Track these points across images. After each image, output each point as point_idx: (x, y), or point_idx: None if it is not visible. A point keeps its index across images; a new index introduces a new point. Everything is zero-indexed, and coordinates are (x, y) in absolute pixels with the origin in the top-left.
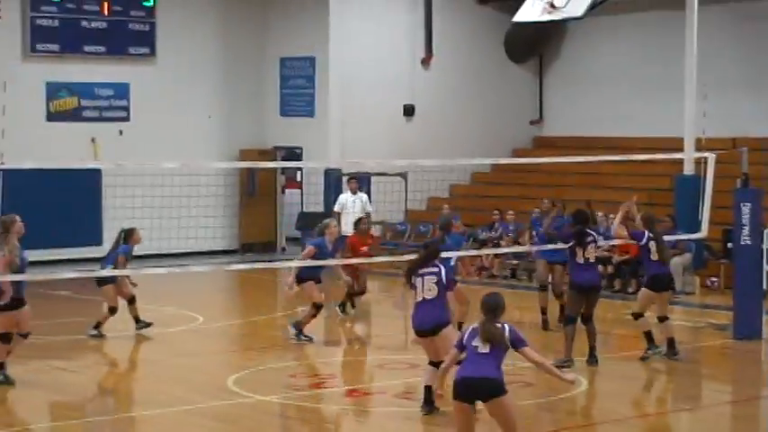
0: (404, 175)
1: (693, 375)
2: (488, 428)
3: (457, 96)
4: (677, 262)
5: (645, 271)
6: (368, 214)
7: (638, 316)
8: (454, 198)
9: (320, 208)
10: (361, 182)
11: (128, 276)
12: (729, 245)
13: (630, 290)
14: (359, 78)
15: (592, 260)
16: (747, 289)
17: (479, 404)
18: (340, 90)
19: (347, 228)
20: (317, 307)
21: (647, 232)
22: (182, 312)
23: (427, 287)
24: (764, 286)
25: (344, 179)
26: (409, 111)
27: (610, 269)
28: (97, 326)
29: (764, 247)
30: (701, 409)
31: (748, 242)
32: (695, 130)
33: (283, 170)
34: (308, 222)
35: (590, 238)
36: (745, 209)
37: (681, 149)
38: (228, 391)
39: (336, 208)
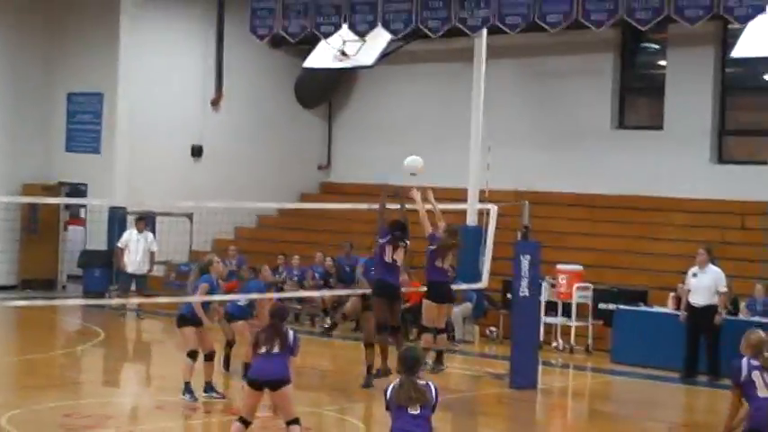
0: (190, 216)
1: (470, 420)
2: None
3: (246, 139)
4: (457, 312)
5: (426, 278)
6: (152, 253)
7: (425, 330)
8: (239, 240)
9: (103, 246)
10: (147, 221)
11: None
12: (509, 295)
13: (412, 337)
14: (147, 116)
15: (399, 263)
16: (525, 339)
17: None
18: (127, 127)
19: (133, 266)
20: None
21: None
22: None
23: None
24: (541, 337)
25: (129, 218)
26: (197, 151)
27: None
28: None
29: (542, 299)
30: None
31: (526, 294)
32: (479, 181)
33: (67, 206)
34: (91, 260)
35: (402, 243)
36: (525, 261)
37: (464, 200)
38: (2, 431)
39: (120, 244)
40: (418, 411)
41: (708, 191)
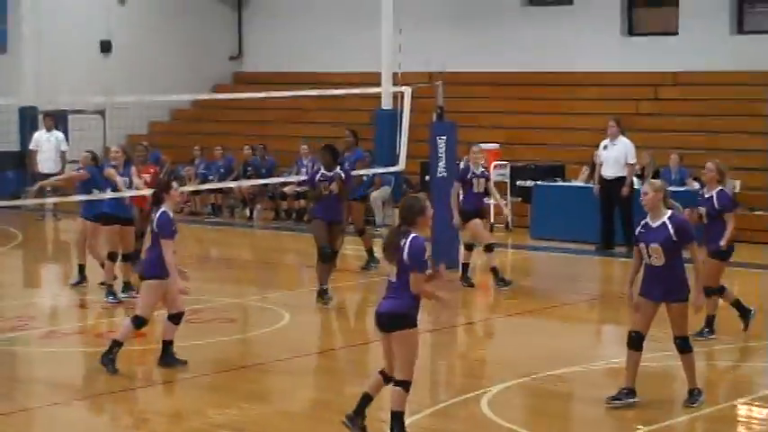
0: (102, 113)
1: None
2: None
3: (155, 32)
4: (376, 195)
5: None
6: (63, 153)
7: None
8: (153, 135)
9: (15, 147)
10: (58, 120)
11: None
12: (427, 177)
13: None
14: (54, 13)
15: (335, 192)
16: (444, 220)
17: None
18: (34, 25)
19: (44, 165)
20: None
21: None
22: None
23: None
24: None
25: (41, 118)
26: (106, 47)
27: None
28: None
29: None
30: None
31: (444, 174)
32: (392, 64)
33: None
34: (3, 162)
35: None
36: (441, 142)
37: (379, 84)
38: None
39: (32, 146)
40: (395, 279)
41: (619, 64)
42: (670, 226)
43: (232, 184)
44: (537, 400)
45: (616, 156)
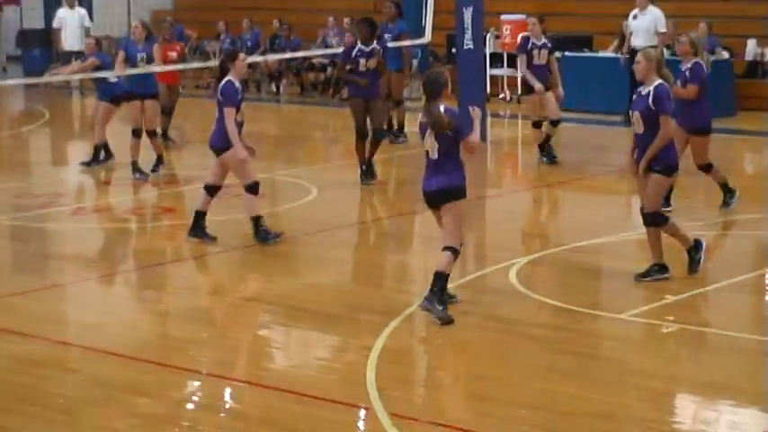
0: None
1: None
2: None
3: None
4: None
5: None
6: (86, 29)
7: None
8: (178, 10)
9: (40, 24)
10: None
11: None
12: (453, 50)
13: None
14: None
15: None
16: (472, 92)
17: None
18: None
19: (67, 43)
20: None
21: None
22: None
23: None
24: (488, 90)
25: None
26: None
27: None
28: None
29: (487, 51)
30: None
31: (471, 47)
32: None
33: None
34: (29, 40)
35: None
36: (467, 13)
37: None
38: None
39: (56, 24)
40: (436, 157)
41: None
42: (651, 95)
43: (258, 59)
44: (565, 271)
45: (646, 25)
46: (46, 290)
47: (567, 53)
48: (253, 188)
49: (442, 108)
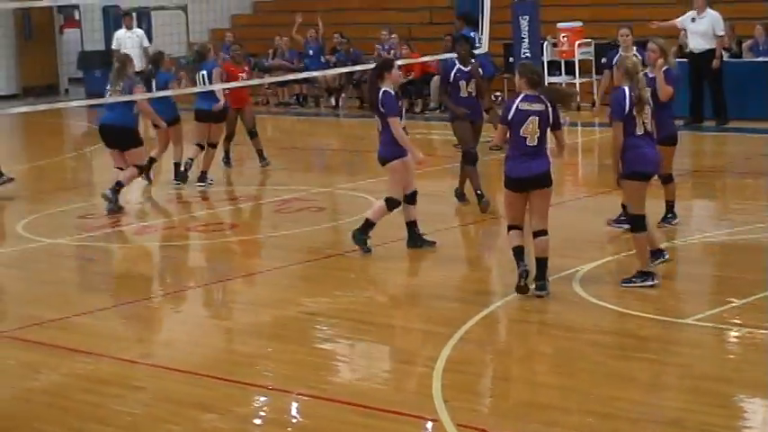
0: (184, 8)
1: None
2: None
3: None
4: (436, 80)
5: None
6: (145, 49)
7: None
8: (236, 28)
9: (100, 46)
10: (141, 17)
11: None
12: (511, 59)
13: (417, 110)
14: None
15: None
16: None
17: None
18: None
19: None
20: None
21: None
22: None
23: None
24: None
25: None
26: None
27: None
28: None
29: (544, 59)
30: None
31: (528, 55)
32: None
33: (60, 9)
34: (90, 61)
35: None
36: (524, 22)
37: None
38: (18, 237)
39: (114, 45)
40: (535, 143)
41: None
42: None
43: (316, 74)
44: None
45: (705, 29)
46: (111, 309)
47: None
48: (392, 203)
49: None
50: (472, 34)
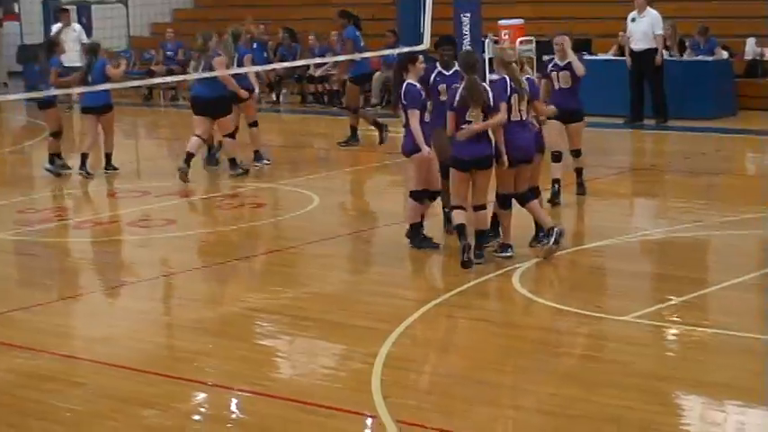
0: (124, 2)
1: None
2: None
3: None
4: (378, 77)
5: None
6: (83, 44)
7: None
8: (177, 22)
9: (40, 39)
10: (81, 11)
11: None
12: None
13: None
14: None
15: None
16: None
17: None
18: None
19: (66, 61)
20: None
21: None
22: None
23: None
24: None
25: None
26: None
27: (336, 86)
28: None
29: (486, 56)
30: None
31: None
32: None
33: (0, 2)
34: (29, 55)
35: None
36: (465, 19)
37: None
38: None
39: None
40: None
41: None
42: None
43: (257, 68)
44: (568, 275)
45: (645, 28)
46: (50, 304)
47: None
48: (417, 195)
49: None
50: (357, 33)
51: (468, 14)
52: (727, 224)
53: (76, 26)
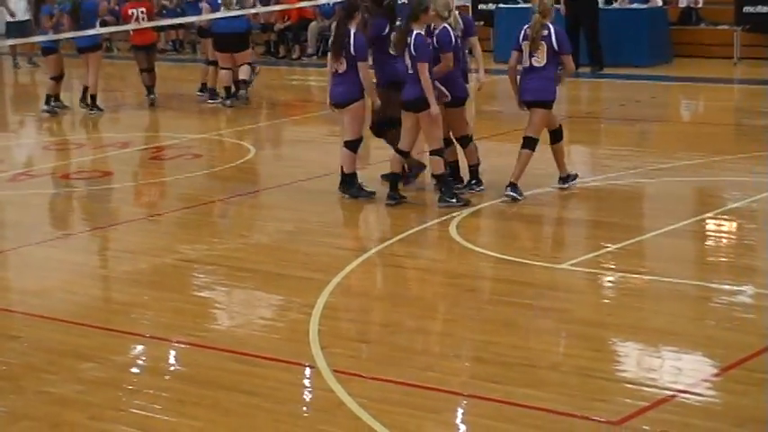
0: None
1: None
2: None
3: None
4: (313, 26)
5: None
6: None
7: None
8: None
9: None
10: None
11: None
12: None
13: (294, 56)
14: None
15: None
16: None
17: None
18: None
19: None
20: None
21: None
22: None
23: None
24: None
25: None
26: None
27: (273, 36)
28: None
29: None
30: None
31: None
32: None
33: None
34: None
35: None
36: None
37: None
38: None
39: None
40: (411, 72)
41: None
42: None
43: (192, 19)
44: (505, 223)
45: None
46: None
47: (500, 5)
48: (352, 145)
49: (414, 33)
50: None
51: None
52: (662, 171)
53: None
